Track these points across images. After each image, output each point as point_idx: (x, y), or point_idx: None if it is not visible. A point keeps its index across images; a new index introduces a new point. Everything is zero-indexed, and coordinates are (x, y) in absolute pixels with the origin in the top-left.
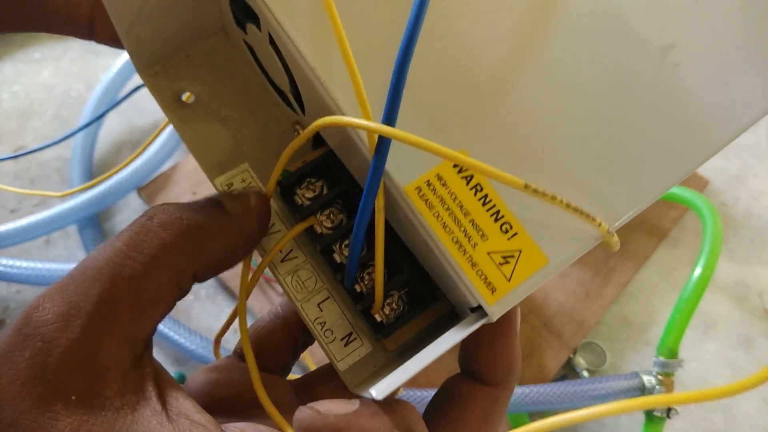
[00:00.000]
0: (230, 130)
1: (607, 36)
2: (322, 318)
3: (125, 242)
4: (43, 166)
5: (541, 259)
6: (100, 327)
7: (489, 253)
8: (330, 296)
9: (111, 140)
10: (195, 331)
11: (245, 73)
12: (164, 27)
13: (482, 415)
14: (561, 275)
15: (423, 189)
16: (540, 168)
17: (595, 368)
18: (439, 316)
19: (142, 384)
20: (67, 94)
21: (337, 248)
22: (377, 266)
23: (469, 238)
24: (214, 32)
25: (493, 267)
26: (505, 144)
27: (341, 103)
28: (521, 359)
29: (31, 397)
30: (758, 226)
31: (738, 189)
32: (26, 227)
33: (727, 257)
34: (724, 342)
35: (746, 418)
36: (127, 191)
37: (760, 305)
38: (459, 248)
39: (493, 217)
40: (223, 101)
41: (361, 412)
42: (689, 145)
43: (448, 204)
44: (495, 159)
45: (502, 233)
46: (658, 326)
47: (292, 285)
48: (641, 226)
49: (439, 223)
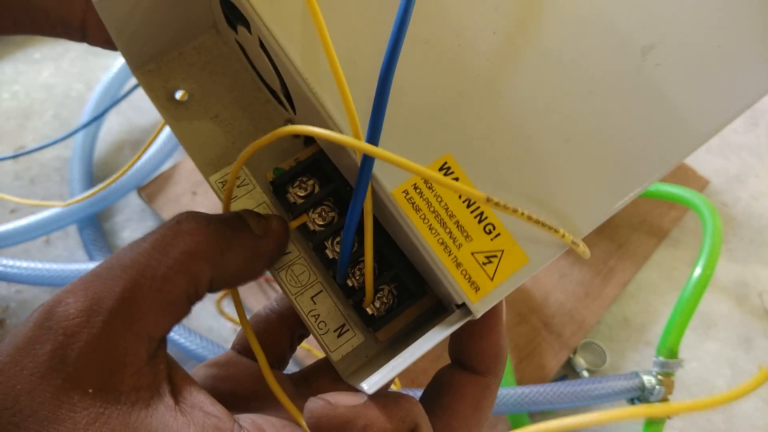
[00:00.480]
0: (223, 128)
1: (589, 38)
2: (315, 311)
3: (152, 244)
4: (43, 165)
5: (522, 258)
6: (120, 324)
7: (473, 254)
8: (323, 290)
9: (111, 140)
10: (195, 331)
11: (237, 71)
12: (156, 26)
13: (474, 402)
14: (561, 275)
15: (410, 192)
16: (521, 170)
17: (595, 368)
18: (427, 308)
19: (157, 380)
20: (67, 94)
21: (329, 244)
22: (367, 264)
23: (454, 239)
24: (206, 29)
25: (477, 267)
26: (488, 147)
27: (333, 114)
28: (508, 350)
29: (50, 388)
30: (758, 226)
31: (738, 189)
32: (26, 227)
33: (727, 257)
34: (724, 342)
35: (746, 418)
36: (127, 191)
37: (760, 305)
38: (444, 249)
39: (477, 218)
40: (216, 99)
41: (370, 404)
42: (669, 143)
43: (434, 206)
44: (478, 162)
45: (486, 234)
46: (658, 326)
47: (287, 279)
48: (641, 226)
49: (426, 225)
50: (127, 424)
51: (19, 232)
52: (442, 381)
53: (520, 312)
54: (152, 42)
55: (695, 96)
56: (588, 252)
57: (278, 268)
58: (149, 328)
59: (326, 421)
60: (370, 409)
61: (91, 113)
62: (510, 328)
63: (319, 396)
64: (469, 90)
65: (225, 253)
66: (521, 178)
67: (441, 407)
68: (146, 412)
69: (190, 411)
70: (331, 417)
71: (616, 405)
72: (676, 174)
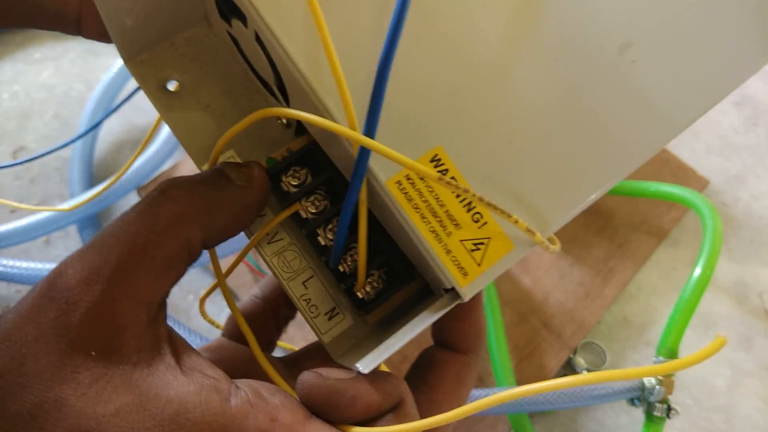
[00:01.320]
0: (215, 118)
1: (570, 36)
2: (307, 295)
3: (139, 213)
4: (43, 165)
5: (507, 245)
6: (118, 290)
7: (462, 241)
8: (314, 275)
9: (111, 140)
10: (195, 331)
11: (228, 62)
12: (149, 16)
13: (456, 378)
14: (561, 275)
15: (403, 183)
16: (506, 162)
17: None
18: (413, 292)
19: (158, 342)
20: (67, 94)
21: (322, 231)
22: (360, 251)
23: (444, 227)
24: (197, 20)
25: (466, 253)
26: (477, 140)
27: (331, 110)
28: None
29: (54, 352)
30: (758, 226)
31: (738, 189)
32: (26, 227)
33: (727, 257)
34: None
35: (746, 419)
36: (127, 191)
37: (760, 305)
38: (435, 237)
39: (466, 207)
40: (208, 89)
41: (359, 378)
42: (645, 135)
43: (425, 196)
44: (467, 154)
45: (474, 222)
46: (658, 326)
47: (279, 265)
48: (641, 226)
49: (418, 215)
50: (129, 381)
51: (19, 232)
52: (426, 360)
53: (520, 312)
54: (145, 32)
55: (669, 91)
56: (555, 247)
57: (271, 255)
58: (147, 293)
59: (317, 391)
60: (359, 382)
61: (92, 113)
62: (510, 328)
63: (311, 369)
64: (459, 86)
65: (212, 213)
66: (503, 170)
67: (425, 383)
68: (148, 371)
69: (190, 372)
70: (322, 387)
71: (615, 405)
72: (676, 174)
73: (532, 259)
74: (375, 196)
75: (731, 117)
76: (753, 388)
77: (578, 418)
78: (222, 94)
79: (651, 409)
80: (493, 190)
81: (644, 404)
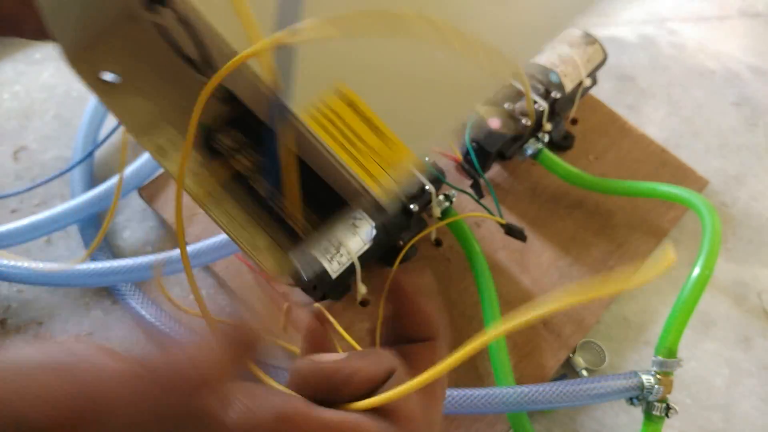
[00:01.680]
0: (152, 100)
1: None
2: (248, 236)
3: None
4: (44, 166)
5: (410, 156)
6: None
7: (374, 158)
8: (255, 222)
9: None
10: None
11: (159, 50)
12: (84, 16)
13: (430, 359)
14: (560, 275)
15: (315, 114)
16: (390, 98)
17: (595, 368)
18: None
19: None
20: (67, 94)
21: (256, 182)
22: (291, 192)
23: (359, 150)
24: (127, 19)
25: (378, 168)
26: (373, 79)
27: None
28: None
29: None
30: (757, 226)
31: (737, 189)
32: (27, 227)
33: (725, 257)
34: (722, 341)
35: (745, 418)
36: (128, 191)
37: (759, 305)
38: (352, 158)
39: (374, 132)
40: (144, 78)
41: (351, 356)
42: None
43: (338, 125)
44: (366, 89)
45: (382, 143)
46: (657, 326)
47: (223, 219)
48: (641, 226)
49: (337, 144)
50: None
51: (20, 232)
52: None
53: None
54: (82, 31)
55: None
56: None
57: (212, 207)
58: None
59: (314, 375)
60: (352, 359)
61: (92, 113)
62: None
63: (305, 357)
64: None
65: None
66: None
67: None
68: None
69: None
70: (318, 371)
71: (615, 404)
72: (676, 174)
73: (531, 259)
74: (298, 137)
75: (730, 117)
76: (752, 388)
77: (577, 418)
78: (157, 79)
79: (650, 408)
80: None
81: (643, 403)
